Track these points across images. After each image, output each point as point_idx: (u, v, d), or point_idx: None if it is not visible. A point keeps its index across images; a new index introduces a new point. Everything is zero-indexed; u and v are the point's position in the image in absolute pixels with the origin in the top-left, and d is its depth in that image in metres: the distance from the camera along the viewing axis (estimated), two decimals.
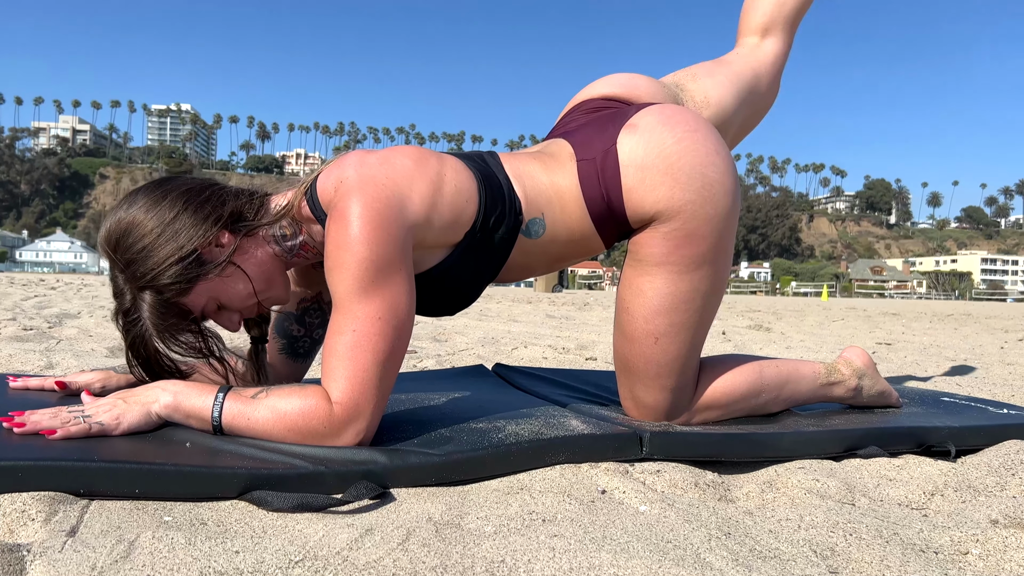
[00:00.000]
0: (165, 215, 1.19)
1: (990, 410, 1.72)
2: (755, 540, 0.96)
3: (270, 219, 1.26)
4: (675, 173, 1.28)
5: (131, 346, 1.23)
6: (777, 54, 1.80)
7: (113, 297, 1.23)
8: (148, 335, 1.21)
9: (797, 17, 1.82)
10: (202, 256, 1.20)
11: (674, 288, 1.32)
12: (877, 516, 1.07)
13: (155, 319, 1.19)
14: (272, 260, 1.28)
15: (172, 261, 1.17)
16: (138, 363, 1.25)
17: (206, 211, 1.21)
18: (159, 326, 1.20)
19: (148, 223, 1.18)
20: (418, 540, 0.89)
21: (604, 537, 0.92)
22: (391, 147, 1.30)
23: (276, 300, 1.32)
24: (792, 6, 1.80)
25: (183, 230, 1.18)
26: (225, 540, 0.87)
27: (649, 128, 1.31)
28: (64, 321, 4.29)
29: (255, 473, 1.01)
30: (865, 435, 1.41)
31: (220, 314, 1.28)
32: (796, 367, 1.57)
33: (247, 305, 1.28)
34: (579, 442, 1.24)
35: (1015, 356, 4.25)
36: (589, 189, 1.32)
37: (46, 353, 2.66)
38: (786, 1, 1.80)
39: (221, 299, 1.25)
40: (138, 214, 1.19)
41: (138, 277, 1.18)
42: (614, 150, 1.31)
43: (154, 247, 1.17)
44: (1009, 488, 1.24)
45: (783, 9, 1.80)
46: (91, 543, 0.83)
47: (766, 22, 1.80)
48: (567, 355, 3.46)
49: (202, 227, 1.20)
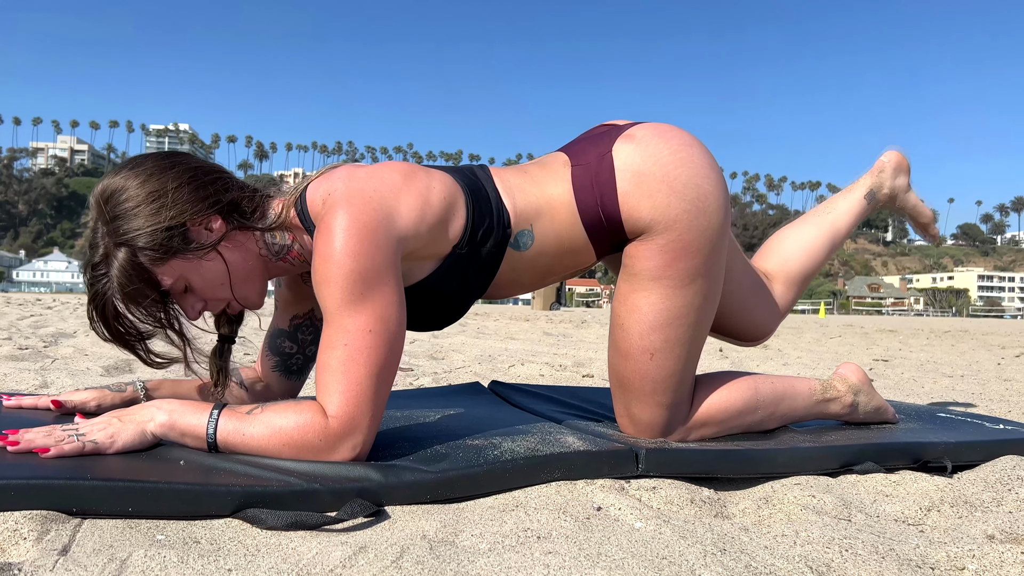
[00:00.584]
0: (167, 184, 1.19)
1: (986, 426, 1.72)
2: (751, 556, 0.95)
3: (265, 226, 1.26)
4: (671, 182, 1.29)
5: (92, 300, 1.21)
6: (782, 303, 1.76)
7: (87, 247, 1.21)
8: (110, 293, 1.20)
9: (801, 279, 1.78)
10: (189, 233, 1.20)
11: (669, 303, 1.33)
12: (873, 532, 1.06)
13: (122, 279, 1.18)
14: (256, 259, 1.28)
15: (158, 228, 1.16)
16: (97, 318, 1.23)
17: (207, 191, 1.21)
18: (124, 286, 1.18)
19: (147, 186, 1.18)
20: (412, 558, 0.89)
21: (599, 554, 0.91)
22: (381, 163, 1.31)
23: (248, 300, 1.31)
24: (796, 267, 1.76)
25: (178, 202, 1.18)
26: (218, 558, 0.86)
27: (646, 139, 1.33)
28: (60, 340, 4.28)
29: (249, 491, 1.01)
30: (861, 451, 1.41)
31: (185, 297, 1.26)
32: (792, 384, 1.57)
33: (216, 296, 1.27)
34: (575, 459, 1.24)
35: (1012, 372, 4.25)
36: (582, 193, 1.33)
37: (41, 372, 2.66)
38: (788, 259, 1.77)
39: (192, 281, 1.23)
40: (139, 177, 1.19)
41: (118, 233, 1.17)
42: (609, 156, 1.33)
43: (144, 210, 1.17)
44: (1005, 504, 1.23)
45: (786, 266, 1.77)
46: (83, 562, 0.83)
47: (770, 270, 1.78)
48: (564, 372, 3.45)
49: (198, 205, 1.20)
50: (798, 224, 1.82)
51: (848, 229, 1.80)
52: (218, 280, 1.24)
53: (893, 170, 1.86)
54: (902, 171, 1.87)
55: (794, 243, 1.78)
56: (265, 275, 1.31)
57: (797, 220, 1.84)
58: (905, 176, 1.88)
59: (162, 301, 1.25)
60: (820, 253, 1.77)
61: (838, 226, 1.79)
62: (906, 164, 1.89)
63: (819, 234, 1.77)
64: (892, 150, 1.87)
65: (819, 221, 1.79)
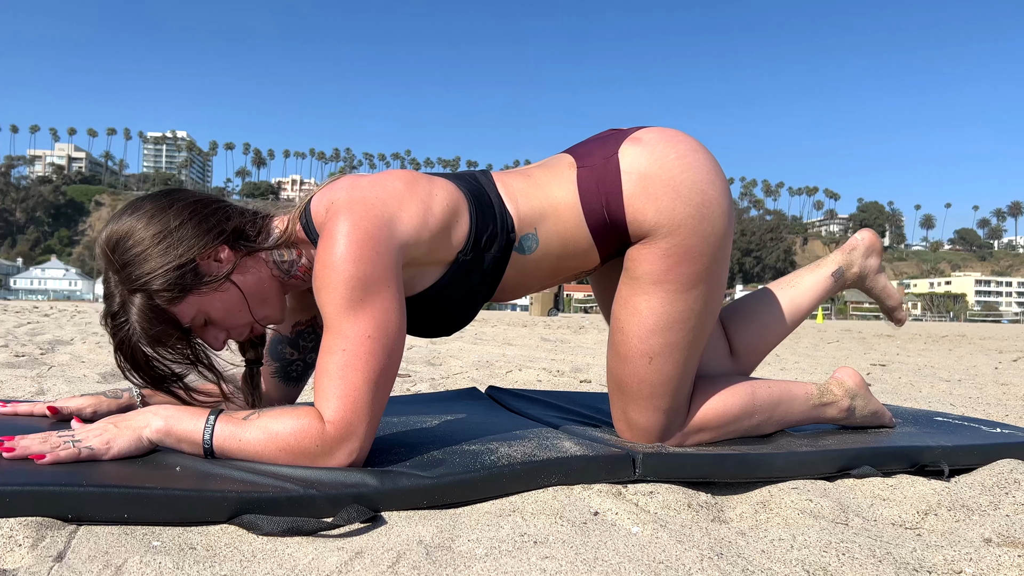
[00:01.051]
0: (169, 223, 1.19)
1: (983, 429, 1.72)
2: (747, 560, 0.95)
3: (271, 244, 1.27)
4: (677, 186, 1.29)
5: (119, 348, 1.22)
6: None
7: (103, 299, 1.22)
8: (135, 339, 1.20)
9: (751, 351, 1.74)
10: (199, 268, 1.20)
11: (670, 307, 1.33)
12: (870, 536, 1.06)
13: (143, 323, 1.18)
14: (270, 280, 1.28)
15: (169, 268, 1.17)
16: (128, 366, 1.24)
17: (210, 224, 1.22)
18: (147, 330, 1.19)
19: (150, 228, 1.18)
20: (408, 563, 0.89)
21: (596, 559, 0.91)
22: (383, 171, 1.31)
23: (270, 319, 1.32)
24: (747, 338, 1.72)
25: (184, 240, 1.19)
26: (213, 564, 0.86)
27: (652, 143, 1.33)
28: (57, 347, 4.27)
29: (245, 497, 1.01)
30: (858, 455, 1.41)
31: (206, 330, 1.27)
32: (789, 388, 1.57)
33: (237, 324, 1.27)
34: (572, 464, 1.24)
35: (1009, 376, 4.26)
36: (587, 195, 1.33)
37: (37, 379, 2.65)
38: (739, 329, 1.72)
39: (211, 314, 1.24)
40: (141, 220, 1.19)
41: (132, 280, 1.17)
42: (615, 158, 1.33)
43: (152, 252, 1.17)
44: (1002, 507, 1.23)
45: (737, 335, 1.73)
46: (78, 568, 0.83)
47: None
48: (561, 378, 3.45)
49: (204, 239, 1.20)
50: (760, 293, 1.79)
51: (809, 306, 1.76)
52: (236, 308, 1.25)
53: (865, 249, 1.81)
54: (874, 252, 1.83)
55: (752, 314, 1.74)
56: (281, 293, 1.32)
57: (761, 289, 1.80)
58: (877, 257, 1.84)
59: (187, 338, 1.25)
60: (776, 329, 1.73)
61: (799, 302, 1.74)
62: (879, 245, 1.85)
63: (777, 310, 1.74)
64: (866, 231, 1.84)
65: (781, 295, 1.75)
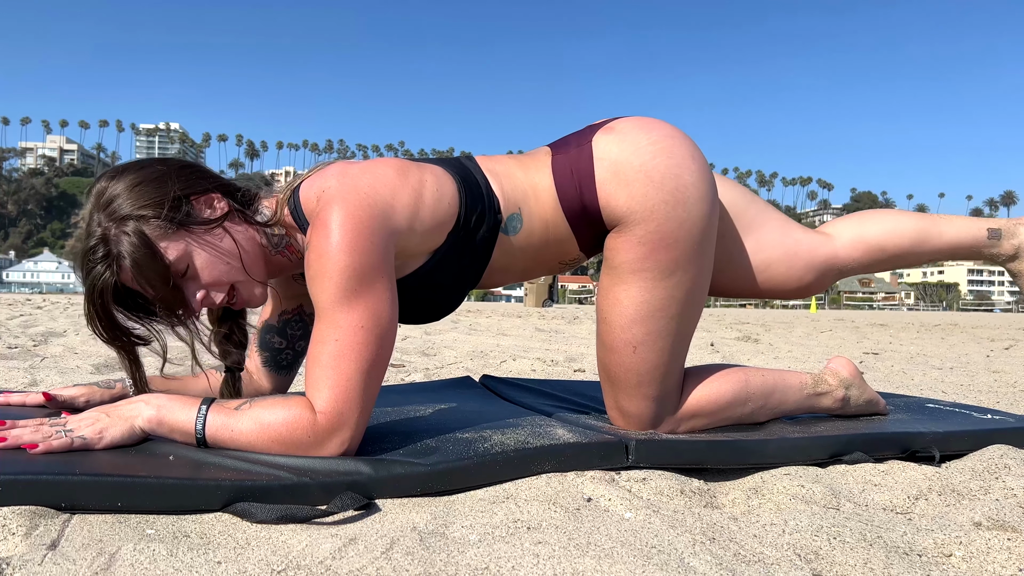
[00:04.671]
0: (162, 169, 1.20)
1: (974, 415, 1.73)
2: (739, 545, 0.96)
3: (263, 221, 1.26)
4: (649, 172, 1.29)
5: (90, 290, 1.16)
6: (829, 250, 1.59)
7: (84, 237, 1.17)
8: (107, 282, 1.15)
9: (880, 258, 1.62)
10: (193, 208, 1.20)
11: (649, 296, 1.33)
12: (861, 520, 1.07)
13: (129, 248, 1.14)
14: (259, 247, 1.27)
15: (164, 199, 1.17)
16: (97, 315, 1.18)
17: (202, 174, 1.24)
18: (132, 254, 1.14)
19: (144, 172, 1.19)
20: (402, 549, 0.89)
21: (589, 543, 0.92)
22: (373, 159, 1.31)
23: (252, 294, 1.27)
24: (872, 230, 1.62)
25: (179, 180, 1.20)
26: (207, 551, 0.86)
27: (626, 130, 1.33)
28: (49, 339, 4.26)
29: (239, 485, 1.01)
30: (850, 441, 1.41)
31: (185, 283, 1.21)
32: (782, 377, 1.58)
33: (219, 280, 1.22)
34: (565, 451, 1.24)
35: (1000, 364, 4.28)
36: (562, 180, 1.33)
37: (30, 371, 2.64)
38: (866, 221, 1.64)
39: (195, 261, 1.19)
40: (132, 171, 1.20)
41: (122, 211, 1.15)
42: (589, 146, 1.33)
43: (146, 188, 1.17)
44: (992, 491, 1.24)
45: (863, 226, 1.64)
46: (71, 556, 0.83)
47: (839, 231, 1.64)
48: (555, 367, 3.46)
49: (198, 183, 1.22)
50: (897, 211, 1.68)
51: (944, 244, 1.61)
52: (222, 261, 1.21)
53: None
54: None
55: (882, 215, 1.65)
56: (268, 264, 1.30)
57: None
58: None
59: (167, 285, 1.18)
60: (906, 230, 1.61)
61: (933, 232, 1.62)
62: None
63: (909, 223, 1.62)
64: None
65: (921, 218, 1.63)
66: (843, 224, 1.66)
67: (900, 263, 1.64)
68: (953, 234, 1.63)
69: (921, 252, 1.63)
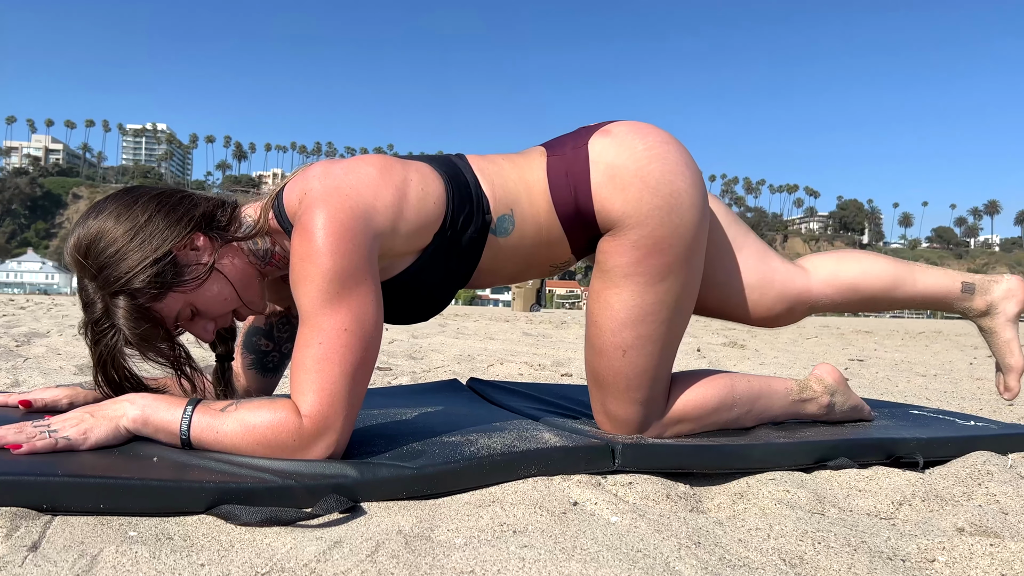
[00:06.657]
0: (138, 218, 1.18)
1: (958, 422, 1.74)
2: (725, 549, 0.96)
3: (245, 234, 1.26)
4: (645, 177, 1.29)
5: (99, 361, 1.21)
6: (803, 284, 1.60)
7: (83, 309, 1.20)
8: (118, 347, 1.19)
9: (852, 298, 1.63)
10: (178, 259, 1.19)
11: (640, 300, 1.33)
12: (846, 525, 1.08)
13: (130, 324, 1.17)
14: (247, 266, 1.28)
15: (147, 264, 1.15)
16: (104, 381, 1.23)
17: (179, 213, 1.20)
18: (133, 331, 1.17)
19: (120, 227, 1.17)
20: (387, 552, 0.89)
21: (574, 547, 0.92)
22: (357, 156, 1.30)
23: (255, 306, 1.31)
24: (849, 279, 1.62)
25: (156, 232, 1.17)
26: (191, 554, 0.86)
27: (622, 134, 1.33)
28: (32, 340, 4.22)
29: (223, 487, 1.00)
30: (835, 447, 1.42)
31: (195, 322, 1.26)
32: (768, 383, 1.58)
33: (224, 311, 1.27)
34: (551, 455, 1.24)
35: (983, 371, 4.31)
36: (557, 181, 1.33)
37: (13, 371, 2.62)
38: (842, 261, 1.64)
39: (197, 305, 1.23)
40: (108, 220, 1.17)
41: (111, 282, 1.16)
42: (584, 148, 1.33)
43: (127, 251, 1.15)
44: (975, 497, 1.25)
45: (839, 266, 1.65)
46: (52, 558, 0.82)
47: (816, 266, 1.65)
48: (543, 372, 3.46)
49: (175, 228, 1.19)
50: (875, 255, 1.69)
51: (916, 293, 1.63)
52: (221, 296, 1.24)
53: (1007, 291, 1.66)
54: (1016, 299, 1.66)
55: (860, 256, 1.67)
56: (260, 279, 1.31)
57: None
58: (1017, 307, 1.67)
59: (171, 338, 1.24)
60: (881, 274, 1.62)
61: (908, 279, 1.63)
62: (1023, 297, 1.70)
63: (886, 267, 1.63)
64: (1016, 277, 1.69)
65: (896, 264, 1.64)
66: (821, 260, 1.67)
67: (872, 306, 1.66)
68: (927, 284, 1.66)
69: (894, 298, 1.65)
